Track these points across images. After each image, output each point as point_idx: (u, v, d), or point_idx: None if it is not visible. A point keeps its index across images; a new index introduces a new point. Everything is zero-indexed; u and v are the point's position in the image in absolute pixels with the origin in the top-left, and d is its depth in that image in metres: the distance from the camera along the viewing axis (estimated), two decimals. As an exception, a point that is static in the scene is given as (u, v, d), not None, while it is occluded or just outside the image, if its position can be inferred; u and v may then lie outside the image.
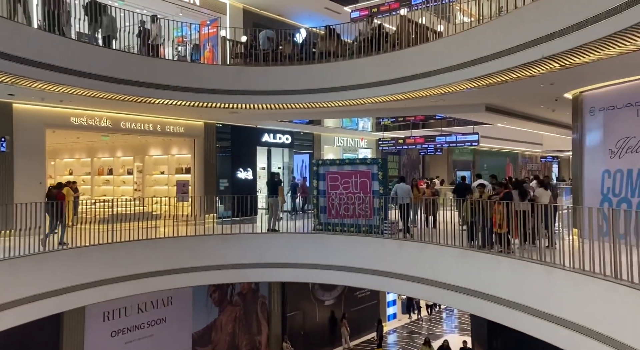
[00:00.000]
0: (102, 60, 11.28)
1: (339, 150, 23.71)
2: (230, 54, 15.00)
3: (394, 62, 12.03)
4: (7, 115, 12.20)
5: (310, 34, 15.31)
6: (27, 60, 9.54)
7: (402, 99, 12.50)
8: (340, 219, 13.04)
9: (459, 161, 31.96)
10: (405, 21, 12.64)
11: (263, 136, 19.40)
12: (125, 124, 14.92)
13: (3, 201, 11.45)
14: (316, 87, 13.24)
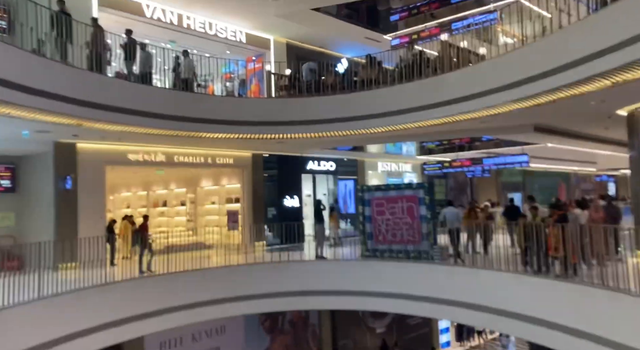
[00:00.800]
0: (157, 99, 11.94)
1: (383, 176, 23.67)
2: (275, 87, 15.52)
3: (436, 86, 12.07)
4: (72, 154, 13.02)
5: (351, 63, 15.63)
6: (90, 103, 10.22)
7: (446, 122, 12.48)
8: (388, 245, 12.97)
9: (509, 183, 31.04)
10: (447, 46, 12.72)
11: (308, 164, 19.70)
12: (178, 157, 15.57)
13: (69, 236, 12.09)
14: (358, 114, 13.42)
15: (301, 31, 17.36)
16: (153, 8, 14.25)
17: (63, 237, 11.97)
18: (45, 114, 9.66)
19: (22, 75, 8.89)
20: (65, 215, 12.72)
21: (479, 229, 12.52)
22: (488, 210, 15.83)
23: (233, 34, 16.49)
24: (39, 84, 9.17)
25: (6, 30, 11.26)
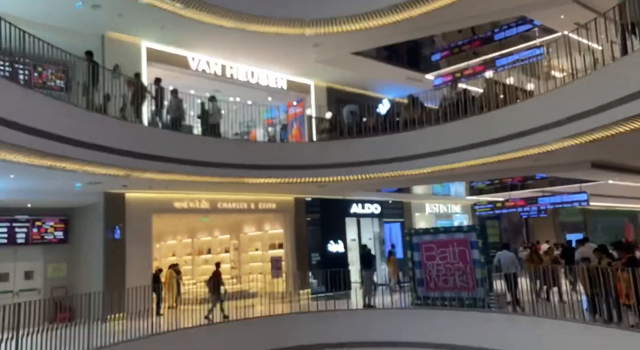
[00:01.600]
0: (202, 147, 12.15)
1: (431, 218, 22.91)
2: (316, 131, 15.53)
3: (483, 124, 11.67)
4: (121, 204, 13.30)
5: (393, 103, 15.50)
6: (140, 154, 10.48)
7: (495, 161, 11.97)
8: (440, 292, 12.31)
9: (568, 223, 29.25)
10: (492, 83, 12.38)
11: (351, 207, 19.36)
12: (222, 204, 15.64)
13: (117, 286, 12.14)
14: (402, 155, 13.12)
15: (341, 75, 17.50)
16: (198, 60, 14.76)
17: (111, 287, 12.04)
18: (97, 167, 9.95)
19: (78, 130, 9.24)
20: (113, 265, 12.86)
21: (545, 273, 11.64)
22: (554, 253, 14.67)
23: (274, 81, 16.80)
24: (92, 138, 9.50)
25: (64, 88, 11.91)
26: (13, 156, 8.41)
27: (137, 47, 13.36)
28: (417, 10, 12.60)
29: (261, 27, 13.26)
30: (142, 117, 11.67)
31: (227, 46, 14.39)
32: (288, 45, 14.60)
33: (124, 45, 13.05)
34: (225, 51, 14.78)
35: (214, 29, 12.87)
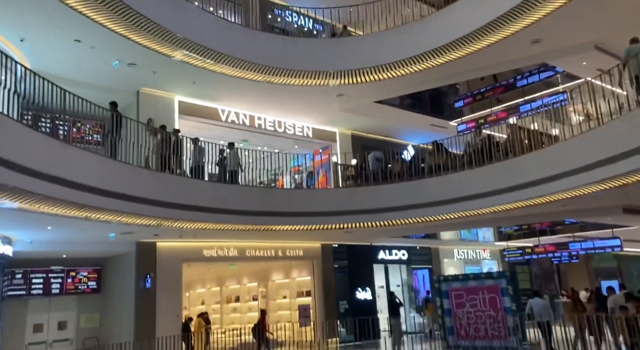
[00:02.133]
0: (230, 195, 12.42)
1: (460, 264, 22.47)
2: (342, 177, 15.72)
3: (509, 169, 11.66)
4: (152, 253, 13.57)
5: (417, 149, 15.64)
6: (172, 204, 10.81)
7: (522, 206, 11.87)
8: (471, 340, 11.95)
9: (602, 269, 28.12)
10: (516, 129, 12.45)
11: (379, 253, 19.20)
12: (250, 251, 15.77)
13: (147, 335, 12.21)
14: (428, 201, 13.13)
15: (365, 122, 17.85)
16: (228, 112, 15.33)
17: (142, 336, 12.11)
18: (130, 217, 10.29)
19: (112, 181, 9.66)
20: (144, 315, 12.97)
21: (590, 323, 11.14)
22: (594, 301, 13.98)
23: (300, 130, 17.23)
24: (125, 189, 9.89)
25: (101, 142, 12.51)
26: (51, 209, 8.81)
27: (170, 101, 14.04)
28: (438, 60, 12.96)
29: (287, 79, 13.78)
30: (170, 166, 12.04)
31: (255, 98, 14.96)
32: (313, 96, 15.08)
33: (158, 99, 13.73)
34: (254, 102, 15.35)
35: (243, 82, 13.46)
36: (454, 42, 12.09)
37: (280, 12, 16.59)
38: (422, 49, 12.75)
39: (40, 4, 9.21)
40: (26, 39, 10.28)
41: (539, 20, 10.70)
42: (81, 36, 10.45)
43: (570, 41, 11.53)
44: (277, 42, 13.86)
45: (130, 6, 9.81)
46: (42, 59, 11.13)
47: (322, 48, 14.34)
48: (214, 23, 12.59)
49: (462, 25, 11.84)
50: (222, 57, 12.24)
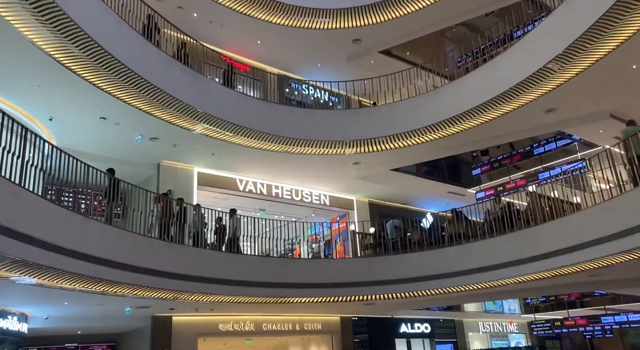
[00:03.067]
0: (246, 266, 12.26)
1: (486, 337, 21.36)
2: (360, 246, 15.48)
3: (531, 238, 11.37)
4: (168, 328, 13.23)
5: (436, 217, 15.45)
6: (188, 276, 10.69)
7: (547, 277, 11.44)
8: None
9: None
10: (536, 196, 12.28)
11: (400, 327, 18.46)
12: (267, 325, 15.30)
13: None
14: (449, 271, 12.75)
15: (383, 190, 17.84)
16: (246, 182, 15.52)
17: None
18: (146, 290, 10.17)
19: (129, 254, 9.65)
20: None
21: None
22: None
23: (317, 198, 17.25)
24: (141, 262, 9.85)
25: (120, 215, 12.63)
26: (70, 284, 8.78)
27: (190, 173, 14.31)
28: (452, 129, 13.13)
29: (304, 149, 14.05)
30: (170, 234, 11.87)
31: (273, 167, 15.18)
32: (330, 164, 15.24)
33: (178, 172, 14.01)
34: (271, 172, 15.55)
35: (261, 152, 13.74)
36: (466, 112, 12.30)
37: (297, 85, 17.24)
38: (436, 119, 12.99)
39: (71, 86, 9.71)
40: (55, 117, 10.76)
41: (551, 90, 10.88)
42: (107, 113, 10.91)
43: (584, 110, 11.63)
44: (295, 114, 14.30)
45: (154, 84, 10.30)
46: (68, 135, 11.57)
47: (338, 118, 14.72)
48: (234, 97, 13.10)
49: (474, 96, 12.11)
50: (241, 129, 12.61)
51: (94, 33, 8.72)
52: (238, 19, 14.24)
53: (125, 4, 10.58)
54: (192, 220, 12.15)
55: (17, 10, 7.72)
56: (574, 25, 9.55)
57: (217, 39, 14.85)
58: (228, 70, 13.78)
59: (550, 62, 10.22)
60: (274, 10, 14.31)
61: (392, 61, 16.97)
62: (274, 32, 15.00)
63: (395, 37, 15.76)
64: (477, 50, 13.70)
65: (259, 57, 16.23)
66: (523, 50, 11.27)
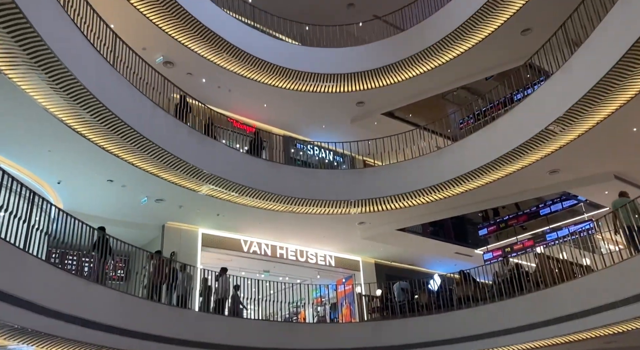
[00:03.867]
0: (249, 330, 11.96)
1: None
2: (366, 309, 15.09)
3: (542, 301, 11.03)
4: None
5: (444, 279, 15.15)
6: (187, 342, 10.43)
7: (561, 343, 11.00)
8: None
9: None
10: (545, 258, 12.07)
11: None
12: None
13: None
14: (458, 335, 12.33)
15: (389, 251, 17.64)
16: (250, 243, 15.41)
17: None
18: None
19: (134, 319, 9.49)
20: None
21: None
22: None
23: (323, 259, 17.03)
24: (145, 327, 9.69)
25: (123, 278, 12.51)
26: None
27: (194, 234, 14.25)
28: (456, 189, 13.17)
29: (309, 209, 14.06)
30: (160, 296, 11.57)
31: (278, 227, 15.12)
32: (335, 224, 15.18)
33: (182, 233, 13.96)
34: (276, 232, 15.48)
35: (266, 213, 13.75)
36: (470, 173, 12.38)
37: (302, 146, 17.51)
38: (440, 179, 13.06)
39: (81, 150, 9.92)
40: (63, 180, 10.91)
41: (554, 152, 10.99)
42: (114, 176, 11.05)
43: (588, 171, 11.68)
44: (300, 174, 14.43)
45: (162, 147, 10.51)
46: (74, 198, 11.68)
47: (342, 178, 14.83)
48: (239, 158, 13.30)
49: (477, 157, 12.25)
50: (246, 190, 12.69)
51: (105, 99, 9.02)
52: (246, 84, 14.73)
53: (137, 71, 11.02)
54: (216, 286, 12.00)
55: (32, 79, 8.04)
56: (573, 90, 9.81)
57: (224, 103, 15.30)
58: (256, 140, 14.07)
59: (551, 124, 10.40)
60: (280, 76, 14.81)
61: (395, 122, 17.32)
62: (280, 96, 15.45)
63: (398, 100, 16.18)
64: (478, 112, 14.00)
65: (265, 119, 16.63)
66: (524, 113, 11.50)
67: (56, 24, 8.09)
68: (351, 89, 15.47)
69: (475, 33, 13.18)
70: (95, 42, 9.54)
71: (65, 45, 8.14)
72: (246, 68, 14.35)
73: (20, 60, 7.62)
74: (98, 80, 9.05)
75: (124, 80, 10.21)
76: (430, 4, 14.63)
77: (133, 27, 12.12)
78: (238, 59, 13.98)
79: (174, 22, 12.46)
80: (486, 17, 12.64)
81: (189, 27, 12.69)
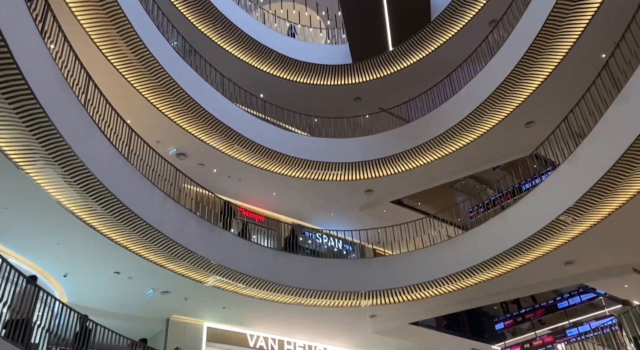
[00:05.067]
0: None
1: None
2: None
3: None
4: None
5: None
6: None
7: None
8: None
9: None
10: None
11: None
12: None
13: None
14: None
15: (402, 346, 16.77)
16: (257, 337, 14.77)
17: None
18: None
19: None
20: None
21: None
22: None
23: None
24: None
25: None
26: None
27: (199, 327, 13.70)
28: (470, 281, 12.78)
29: (318, 301, 13.63)
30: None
31: (286, 321, 14.56)
32: (345, 317, 14.61)
33: (187, 326, 13.44)
34: (284, 326, 14.87)
35: (274, 305, 13.32)
36: (483, 264, 12.10)
37: (310, 234, 17.38)
38: (452, 270, 12.77)
39: (89, 242, 9.88)
40: (69, 273, 10.77)
41: (567, 242, 10.78)
42: (121, 268, 10.91)
43: (605, 263, 11.38)
44: (308, 264, 14.15)
45: (171, 238, 10.47)
46: (80, 291, 11.44)
47: (352, 268, 14.51)
48: (247, 247, 13.15)
49: (489, 247, 12.06)
50: (253, 280, 12.42)
51: (118, 191, 9.13)
52: (255, 173, 14.98)
53: (150, 163, 11.28)
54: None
55: (48, 173, 8.22)
56: (581, 181, 9.84)
57: (234, 192, 15.46)
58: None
59: (561, 214, 10.31)
60: (290, 165, 15.10)
61: (405, 210, 17.28)
62: (289, 184, 15.64)
63: (406, 188, 16.29)
64: (487, 201, 13.98)
65: (274, 207, 16.68)
66: (533, 203, 11.46)
67: (76, 122, 8.43)
68: (359, 177, 15.65)
69: (480, 125, 13.56)
70: (111, 137, 9.88)
71: (84, 142, 8.42)
72: (256, 158, 14.67)
73: (39, 155, 7.85)
74: (112, 174, 9.23)
75: (136, 172, 10.41)
76: (434, 98, 15.22)
77: (148, 121, 12.62)
78: (249, 150, 14.35)
79: (188, 116, 12.98)
80: (489, 111, 13.07)
81: (203, 121, 13.19)
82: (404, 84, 16.84)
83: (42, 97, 7.10)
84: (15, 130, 7.28)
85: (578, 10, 10.36)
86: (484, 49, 13.87)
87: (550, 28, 10.87)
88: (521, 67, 11.83)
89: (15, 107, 6.96)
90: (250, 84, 16.12)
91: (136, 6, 11.42)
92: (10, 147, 7.51)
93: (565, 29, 10.78)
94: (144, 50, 11.24)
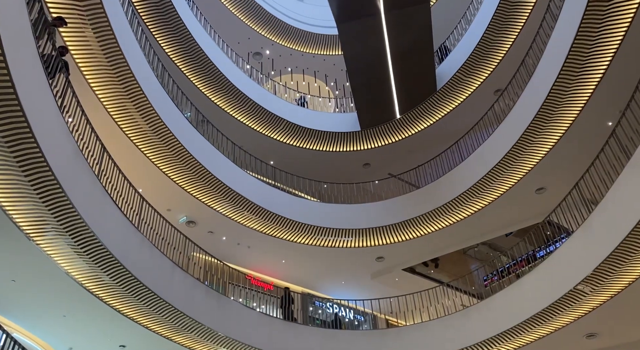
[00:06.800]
0: None
1: None
2: None
3: None
4: None
5: None
6: None
7: None
8: None
9: None
10: None
11: None
12: None
13: None
14: None
15: None
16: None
17: None
18: None
19: None
20: None
21: None
22: None
23: None
24: None
25: None
26: None
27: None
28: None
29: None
30: None
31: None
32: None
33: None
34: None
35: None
36: (498, 336, 11.62)
37: (321, 304, 16.92)
38: (468, 341, 12.24)
39: (96, 314, 9.66)
40: (74, 347, 10.48)
41: (587, 313, 10.37)
42: (127, 340, 10.60)
43: (630, 337, 10.84)
44: (318, 335, 13.70)
45: (179, 309, 10.23)
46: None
47: (364, 340, 13.98)
48: (255, 318, 12.80)
49: (505, 318, 11.64)
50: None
51: (127, 261, 9.04)
52: (265, 240, 14.86)
53: (160, 232, 11.28)
54: None
55: (58, 244, 8.20)
56: (597, 248, 9.60)
57: (243, 260, 15.29)
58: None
59: (579, 284, 9.98)
60: (299, 231, 14.99)
61: (417, 278, 16.89)
62: (299, 251, 15.44)
63: (418, 255, 16.00)
64: (502, 269, 13.64)
65: (284, 275, 16.40)
66: (549, 271, 11.13)
67: (89, 192, 8.53)
68: (369, 244, 15.45)
69: (489, 192, 13.52)
70: (123, 206, 9.95)
71: (95, 213, 8.48)
72: (266, 225, 14.62)
73: (50, 226, 7.88)
74: (122, 244, 9.19)
75: (146, 241, 10.38)
76: (443, 164, 15.29)
77: (160, 190, 12.76)
78: (258, 216, 14.33)
79: (199, 183, 13.10)
80: (498, 178, 13.07)
81: (213, 188, 13.28)
82: (412, 150, 17.02)
83: (57, 170, 7.23)
84: (29, 202, 7.36)
85: (582, 79, 10.57)
86: (490, 117, 14.11)
87: (555, 96, 11.07)
88: (528, 134, 11.96)
89: (30, 180, 7.08)
90: (260, 151, 16.39)
91: (153, 82, 11.89)
92: (22, 218, 7.56)
93: (571, 97, 10.97)
94: (158, 121, 11.56)
